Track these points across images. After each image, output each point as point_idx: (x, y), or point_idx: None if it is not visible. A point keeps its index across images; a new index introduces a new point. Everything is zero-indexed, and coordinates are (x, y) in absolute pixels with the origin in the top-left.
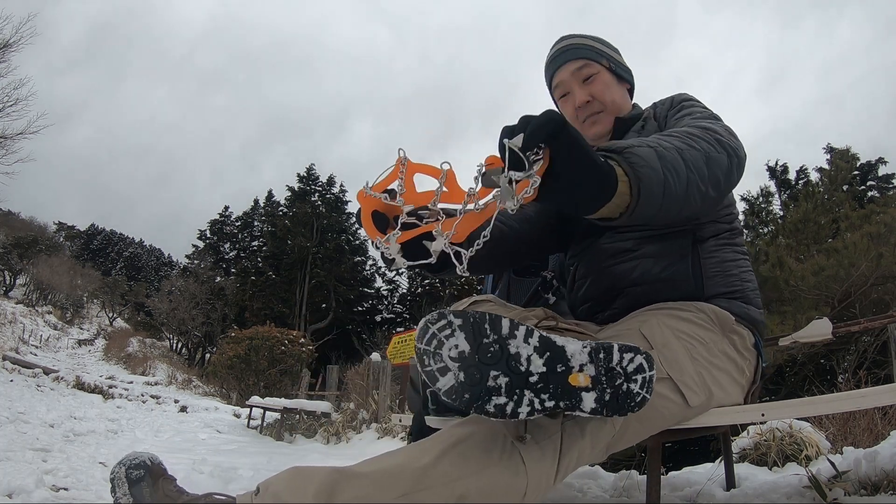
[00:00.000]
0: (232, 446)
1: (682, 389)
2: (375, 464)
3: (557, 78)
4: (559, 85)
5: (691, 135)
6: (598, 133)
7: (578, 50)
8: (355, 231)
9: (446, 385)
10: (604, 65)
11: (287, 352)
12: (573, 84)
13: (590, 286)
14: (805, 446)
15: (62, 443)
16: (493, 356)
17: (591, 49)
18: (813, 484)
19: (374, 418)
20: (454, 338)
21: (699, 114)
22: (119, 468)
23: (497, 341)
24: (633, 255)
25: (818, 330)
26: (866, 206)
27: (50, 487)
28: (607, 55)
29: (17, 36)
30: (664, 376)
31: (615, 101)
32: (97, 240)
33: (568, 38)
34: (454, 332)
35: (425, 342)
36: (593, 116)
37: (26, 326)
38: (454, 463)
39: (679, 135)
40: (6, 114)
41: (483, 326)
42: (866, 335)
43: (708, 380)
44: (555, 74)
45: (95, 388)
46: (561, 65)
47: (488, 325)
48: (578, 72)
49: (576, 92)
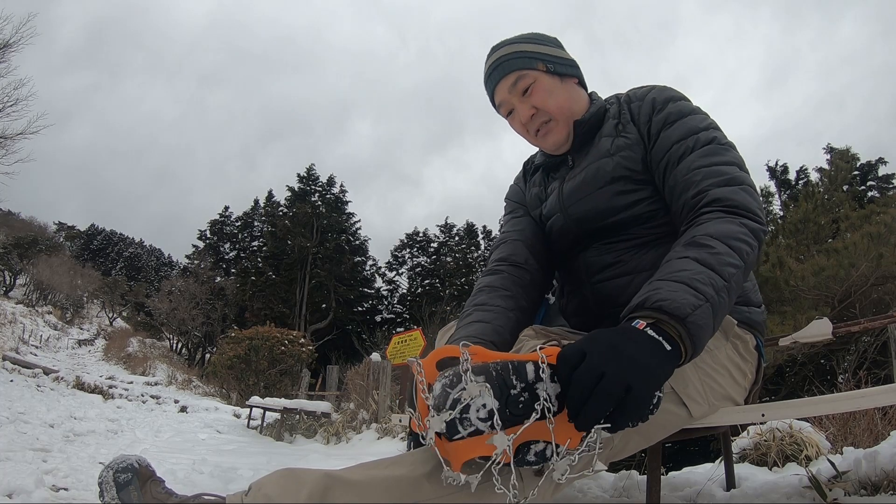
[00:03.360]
0: (232, 446)
1: (687, 402)
2: (369, 471)
3: (497, 98)
4: (501, 104)
5: (733, 251)
6: (555, 142)
7: (509, 63)
8: (355, 231)
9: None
10: (539, 69)
11: (287, 352)
12: (513, 100)
13: (580, 301)
14: (805, 446)
15: (62, 443)
16: (525, 405)
17: (521, 57)
18: (813, 484)
19: (374, 418)
20: (480, 397)
21: (705, 141)
22: (107, 472)
23: (525, 389)
24: (620, 270)
25: (818, 330)
26: (866, 207)
27: (50, 487)
28: (541, 56)
29: (17, 36)
30: (668, 390)
31: (562, 106)
32: (97, 240)
33: (497, 50)
34: (480, 390)
35: (449, 407)
36: (544, 127)
37: (26, 326)
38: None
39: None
40: (6, 114)
41: (509, 378)
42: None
43: (711, 388)
44: (494, 95)
45: (95, 389)
46: (496, 83)
47: (514, 374)
48: (514, 87)
49: (517, 108)
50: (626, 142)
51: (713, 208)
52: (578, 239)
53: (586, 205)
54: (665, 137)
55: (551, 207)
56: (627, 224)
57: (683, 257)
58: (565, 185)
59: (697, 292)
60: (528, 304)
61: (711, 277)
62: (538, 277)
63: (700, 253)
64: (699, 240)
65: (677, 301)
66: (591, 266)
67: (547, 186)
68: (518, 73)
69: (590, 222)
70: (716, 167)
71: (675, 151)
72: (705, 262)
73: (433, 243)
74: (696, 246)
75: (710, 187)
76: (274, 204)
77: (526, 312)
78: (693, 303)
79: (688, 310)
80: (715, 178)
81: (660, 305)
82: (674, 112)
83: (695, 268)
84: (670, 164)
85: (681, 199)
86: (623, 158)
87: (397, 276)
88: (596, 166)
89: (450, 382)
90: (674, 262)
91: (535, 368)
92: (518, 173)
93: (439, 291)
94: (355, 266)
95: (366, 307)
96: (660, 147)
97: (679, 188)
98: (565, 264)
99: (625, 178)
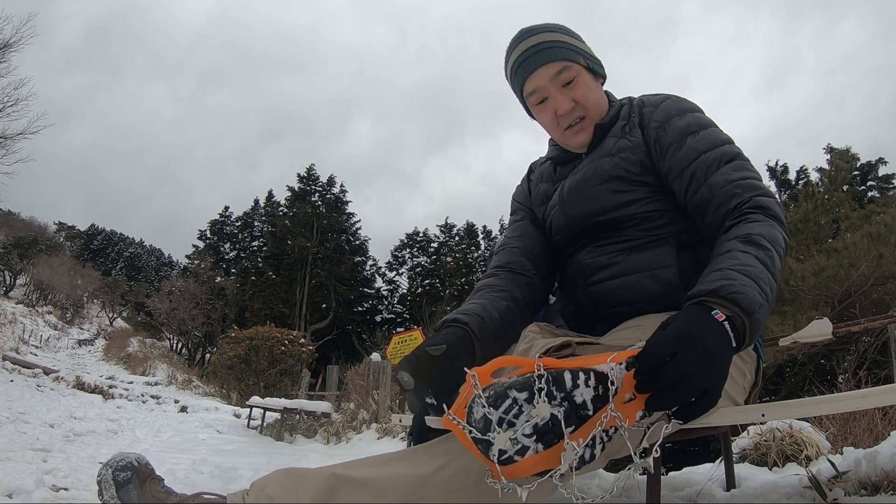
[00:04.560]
0: (232, 446)
1: None
2: (373, 469)
3: (532, 83)
4: (536, 90)
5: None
6: (584, 141)
7: (553, 51)
8: (355, 231)
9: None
10: (581, 64)
11: (287, 352)
12: (552, 89)
13: (576, 304)
14: (805, 446)
15: (62, 443)
16: (566, 414)
17: (566, 48)
18: (813, 484)
19: (374, 418)
20: (525, 413)
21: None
22: (106, 470)
23: (565, 398)
24: (614, 272)
25: (818, 330)
26: (866, 207)
27: (50, 487)
28: (583, 52)
29: (17, 36)
30: None
31: (597, 104)
32: (97, 240)
33: (537, 34)
34: (522, 407)
35: (494, 429)
36: (578, 124)
37: (26, 326)
38: (454, 474)
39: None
40: (6, 114)
41: (550, 390)
42: (866, 335)
43: None
44: (528, 79)
45: (95, 389)
46: (536, 68)
47: (554, 385)
48: (557, 76)
49: (557, 98)
50: (628, 144)
51: (758, 212)
52: (574, 236)
53: (582, 201)
54: (692, 147)
55: (554, 201)
56: (621, 224)
57: (747, 252)
58: (566, 182)
59: (762, 292)
60: (525, 300)
61: (770, 280)
62: (535, 281)
63: (760, 253)
64: (756, 239)
65: (749, 297)
66: (585, 268)
67: (556, 182)
68: (564, 63)
69: (584, 219)
70: (750, 181)
71: (702, 161)
72: (765, 263)
73: (433, 243)
74: (755, 245)
75: (753, 196)
76: (274, 204)
77: (520, 305)
78: (759, 301)
79: (755, 307)
80: (754, 190)
81: (734, 298)
82: (694, 123)
83: (758, 266)
84: (699, 173)
85: (721, 209)
86: (622, 160)
87: (397, 276)
88: (595, 165)
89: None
90: (738, 254)
91: (573, 377)
92: (525, 174)
93: (439, 291)
94: (355, 266)
95: (366, 307)
96: (686, 155)
97: (718, 198)
98: (562, 267)
99: (621, 178)
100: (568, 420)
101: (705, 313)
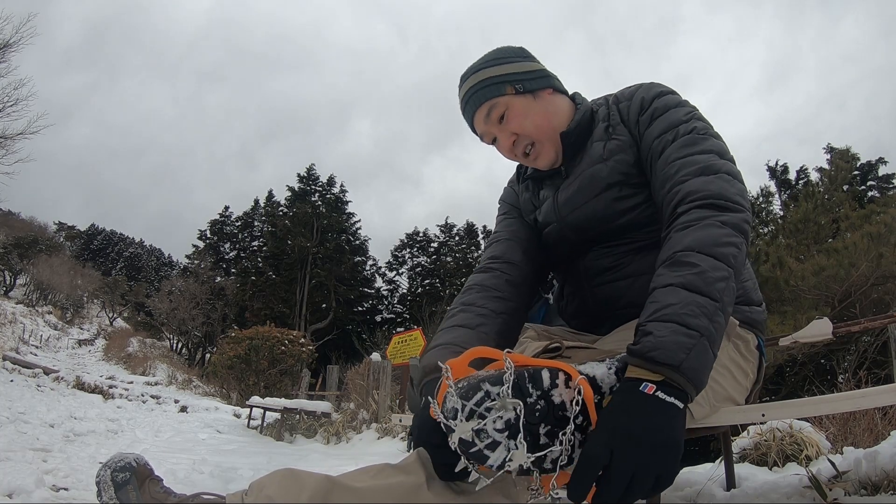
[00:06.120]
0: (232, 446)
1: (690, 406)
2: (369, 478)
3: (478, 130)
4: (483, 135)
5: (719, 261)
6: (547, 162)
7: (477, 95)
8: (355, 231)
9: (499, 459)
10: (509, 93)
11: (287, 352)
12: (492, 130)
13: (579, 304)
14: (805, 446)
15: (62, 443)
16: (541, 413)
17: (487, 86)
18: (813, 484)
19: (374, 418)
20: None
21: (684, 132)
22: (104, 471)
23: (541, 396)
24: (620, 273)
25: (818, 330)
26: (866, 206)
27: (50, 487)
28: (507, 77)
29: (17, 36)
30: None
31: (540, 125)
32: (97, 240)
33: (466, 81)
34: (494, 401)
35: (465, 420)
36: (532, 151)
37: (26, 326)
38: (449, 483)
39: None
40: (6, 114)
41: (525, 386)
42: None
43: (713, 389)
44: (473, 126)
45: (95, 388)
46: (472, 116)
47: (530, 382)
48: (489, 117)
49: (498, 137)
50: (619, 145)
51: (689, 206)
52: (577, 246)
53: (583, 213)
54: (648, 134)
55: (546, 216)
56: (626, 229)
57: (668, 285)
58: (560, 194)
59: (689, 329)
60: (519, 303)
61: (701, 305)
62: (531, 277)
63: (684, 275)
64: (680, 257)
65: (668, 349)
66: (590, 269)
67: (539, 193)
68: (489, 103)
69: (588, 230)
70: (691, 157)
71: (655, 147)
72: (692, 287)
73: (433, 243)
74: (678, 266)
75: (684, 179)
76: (274, 204)
77: (516, 314)
78: (686, 344)
79: (681, 355)
80: (689, 168)
81: (653, 357)
82: (659, 107)
83: (682, 298)
84: (652, 161)
85: (659, 196)
86: (617, 163)
87: (397, 276)
88: (590, 173)
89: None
90: (658, 292)
91: (551, 375)
92: (513, 175)
93: (439, 291)
94: (355, 266)
95: (366, 307)
96: (644, 145)
97: (657, 184)
98: (564, 267)
99: (620, 184)
100: (545, 418)
101: (633, 393)
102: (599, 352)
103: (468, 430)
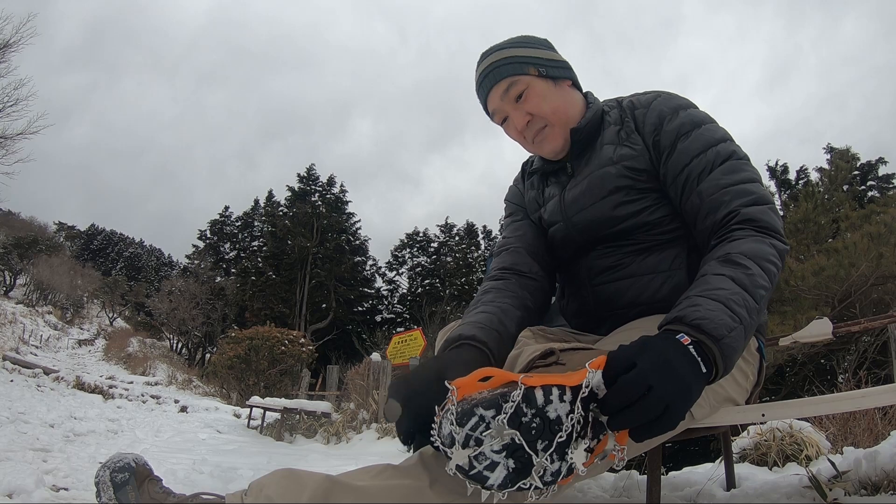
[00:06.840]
0: (232, 446)
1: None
2: (370, 477)
3: (490, 106)
4: (495, 112)
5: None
6: (553, 149)
7: (499, 70)
8: (355, 231)
9: (499, 479)
10: (531, 74)
11: (287, 352)
12: (507, 107)
13: (580, 303)
14: (805, 446)
15: (62, 443)
16: (537, 430)
17: (511, 63)
18: (813, 484)
19: (374, 418)
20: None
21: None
22: (104, 471)
23: (536, 414)
24: (621, 273)
25: (818, 330)
26: (866, 206)
27: (50, 487)
28: (532, 60)
29: (17, 36)
30: None
31: (557, 110)
32: (97, 240)
33: (487, 57)
34: (489, 424)
35: (462, 445)
36: (540, 134)
37: (26, 326)
38: (451, 484)
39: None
40: (6, 114)
41: (519, 407)
42: (866, 335)
43: (714, 391)
44: (486, 103)
45: (95, 389)
46: (488, 91)
47: (524, 403)
48: (507, 94)
49: (512, 115)
50: (632, 152)
51: (745, 227)
52: (582, 246)
53: (590, 214)
54: (683, 151)
55: (552, 215)
56: (631, 231)
57: (720, 274)
58: (567, 194)
59: (734, 314)
60: (535, 306)
61: (746, 299)
62: (544, 284)
63: (736, 272)
64: (734, 258)
65: (715, 321)
66: (592, 268)
67: (544, 191)
68: (510, 80)
69: (594, 231)
70: (742, 185)
71: (695, 166)
72: (741, 283)
73: (433, 243)
74: (732, 264)
75: (741, 207)
76: (274, 204)
77: (532, 313)
78: (729, 325)
79: (724, 331)
80: (743, 197)
81: (698, 324)
82: (687, 122)
83: (731, 287)
84: (690, 180)
85: (708, 218)
86: (626, 168)
87: (397, 276)
88: (599, 175)
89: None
90: (711, 277)
91: (545, 393)
92: (517, 174)
93: (439, 291)
94: (355, 266)
95: (366, 307)
96: (677, 160)
97: (706, 207)
98: (567, 266)
99: (627, 188)
100: (542, 435)
101: (669, 337)
102: (596, 353)
103: (465, 456)
